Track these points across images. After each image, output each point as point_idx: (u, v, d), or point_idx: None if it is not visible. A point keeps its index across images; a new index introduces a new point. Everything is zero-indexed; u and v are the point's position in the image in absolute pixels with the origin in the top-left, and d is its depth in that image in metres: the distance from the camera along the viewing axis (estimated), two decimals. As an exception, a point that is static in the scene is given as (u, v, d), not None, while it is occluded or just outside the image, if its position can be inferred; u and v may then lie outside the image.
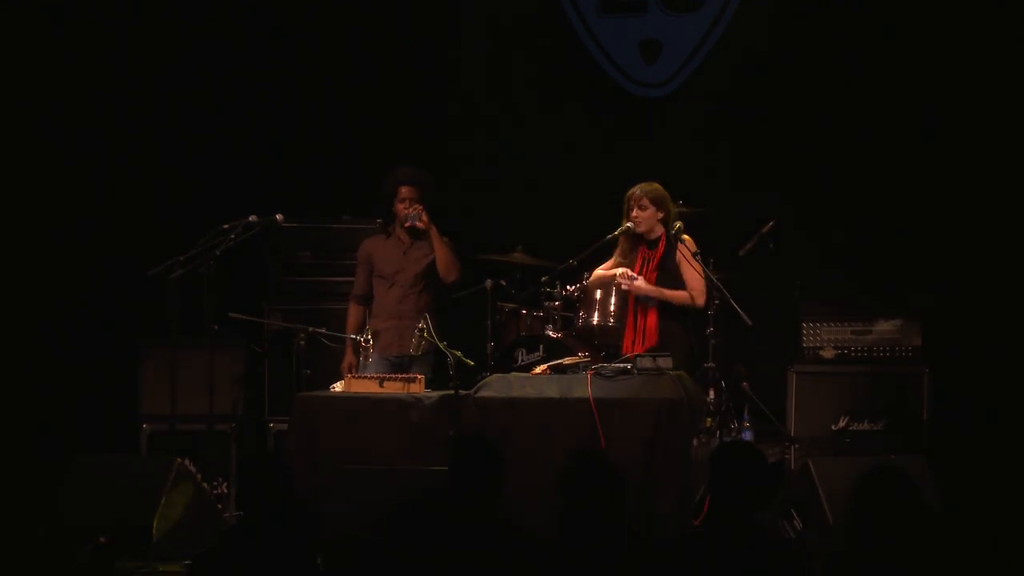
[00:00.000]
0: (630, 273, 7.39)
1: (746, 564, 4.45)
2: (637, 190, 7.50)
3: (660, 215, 7.50)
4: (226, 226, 7.46)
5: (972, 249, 8.52)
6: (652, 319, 7.43)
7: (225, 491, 7.49)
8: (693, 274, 7.43)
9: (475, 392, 6.86)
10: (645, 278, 7.43)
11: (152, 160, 9.30)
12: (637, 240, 7.55)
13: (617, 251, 7.60)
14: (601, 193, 8.09)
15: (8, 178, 9.15)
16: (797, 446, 7.75)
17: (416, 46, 9.45)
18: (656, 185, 7.53)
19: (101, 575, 5.96)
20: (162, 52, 9.31)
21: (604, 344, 7.54)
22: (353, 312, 7.87)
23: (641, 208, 7.47)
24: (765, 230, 7.98)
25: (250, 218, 7.53)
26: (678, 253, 7.48)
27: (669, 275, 7.47)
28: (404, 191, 7.75)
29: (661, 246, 7.51)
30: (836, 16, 8.89)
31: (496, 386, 6.91)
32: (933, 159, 8.68)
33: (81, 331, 9.10)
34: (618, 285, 7.37)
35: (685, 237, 7.50)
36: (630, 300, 7.45)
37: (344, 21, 9.43)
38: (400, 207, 7.74)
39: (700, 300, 7.44)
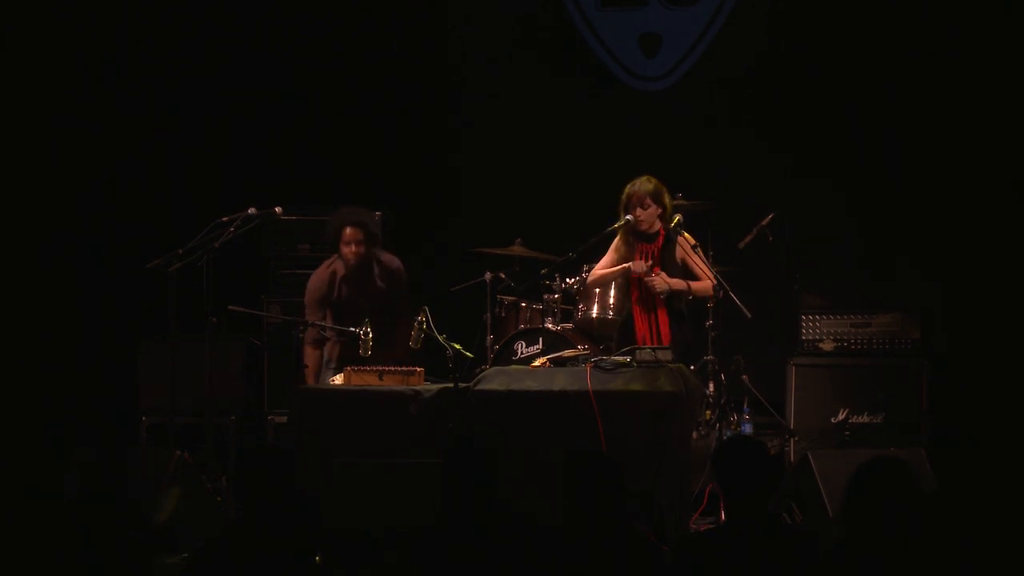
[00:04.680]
0: (645, 267, 7.36)
1: (766, 556, 4.47)
2: (639, 189, 7.45)
3: (659, 211, 7.51)
4: (225, 219, 7.45)
5: (972, 242, 8.52)
6: (664, 317, 7.42)
7: (224, 484, 7.48)
8: (702, 265, 7.44)
9: (474, 385, 6.86)
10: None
11: (152, 155, 9.31)
12: (635, 234, 7.55)
13: (614, 245, 7.59)
14: (600, 186, 8.08)
15: (9, 177, 9.14)
16: (797, 439, 7.75)
17: (417, 43, 9.45)
18: (654, 181, 7.50)
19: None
20: (164, 45, 9.31)
21: (603, 337, 7.54)
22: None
23: (644, 207, 7.44)
24: (765, 223, 7.98)
25: (249, 211, 7.51)
26: (679, 248, 7.48)
27: (670, 269, 7.47)
28: (348, 233, 7.62)
29: (660, 240, 7.52)
30: (836, 8, 8.88)
31: (495, 379, 6.91)
32: (934, 151, 8.68)
33: (81, 325, 9.10)
34: (637, 276, 7.35)
35: (684, 232, 7.50)
36: (634, 299, 7.44)
37: (345, 17, 9.43)
38: (345, 250, 7.62)
39: (713, 288, 7.43)
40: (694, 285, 7.44)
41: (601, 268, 7.56)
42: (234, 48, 9.33)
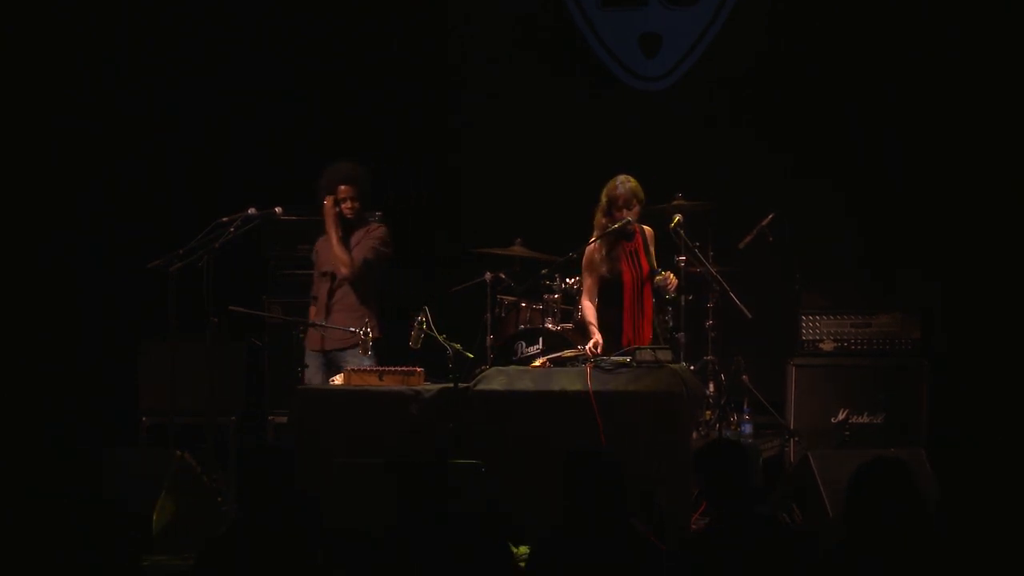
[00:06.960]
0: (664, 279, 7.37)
1: (766, 556, 4.47)
2: (624, 191, 7.36)
3: (639, 208, 7.44)
4: (225, 219, 7.45)
5: (972, 242, 8.52)
6: (649, 312, 7.42)
7: (224, 484, 7.48)
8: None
9: (474, 385, 6.86)
10: (639, 268, 7.40)
11: (152, 155, 9.31)
12: (616, 235, 7.45)
13: (594, 259, 7.45)
14: (600, 186, 8.07)
15: (9, 177, 9.15)
16: (797, 439, 7.75)
17: (417, 43, 9.45)
18: (632, 179, 7.43)
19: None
20: (164, 45, 9.31)
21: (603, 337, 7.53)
22: (312, 315, 7.78)
23: (629, 208, 7.36)
24: (765, 223, 7.99)
25: (249, 211, 7.51)
26: (648, 239, 7.46)
27: (650, 260, 7.44)
28: (343, 190, 7.66)
29: (638, 237, 7.47)
30: (836, 8, 8.88)
31: (495, 379, 6.91)
32: (934, 151, 8.68)
33: (81, 325, 9.10)
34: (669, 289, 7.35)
35: (647, 229, 7.50)
36: (627, 292, 7.41)
37: (345, 17, 9.43)
38: (343, 207, 7.64)
39: None
40: None
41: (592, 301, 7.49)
42: (234, 48, 9.33)
